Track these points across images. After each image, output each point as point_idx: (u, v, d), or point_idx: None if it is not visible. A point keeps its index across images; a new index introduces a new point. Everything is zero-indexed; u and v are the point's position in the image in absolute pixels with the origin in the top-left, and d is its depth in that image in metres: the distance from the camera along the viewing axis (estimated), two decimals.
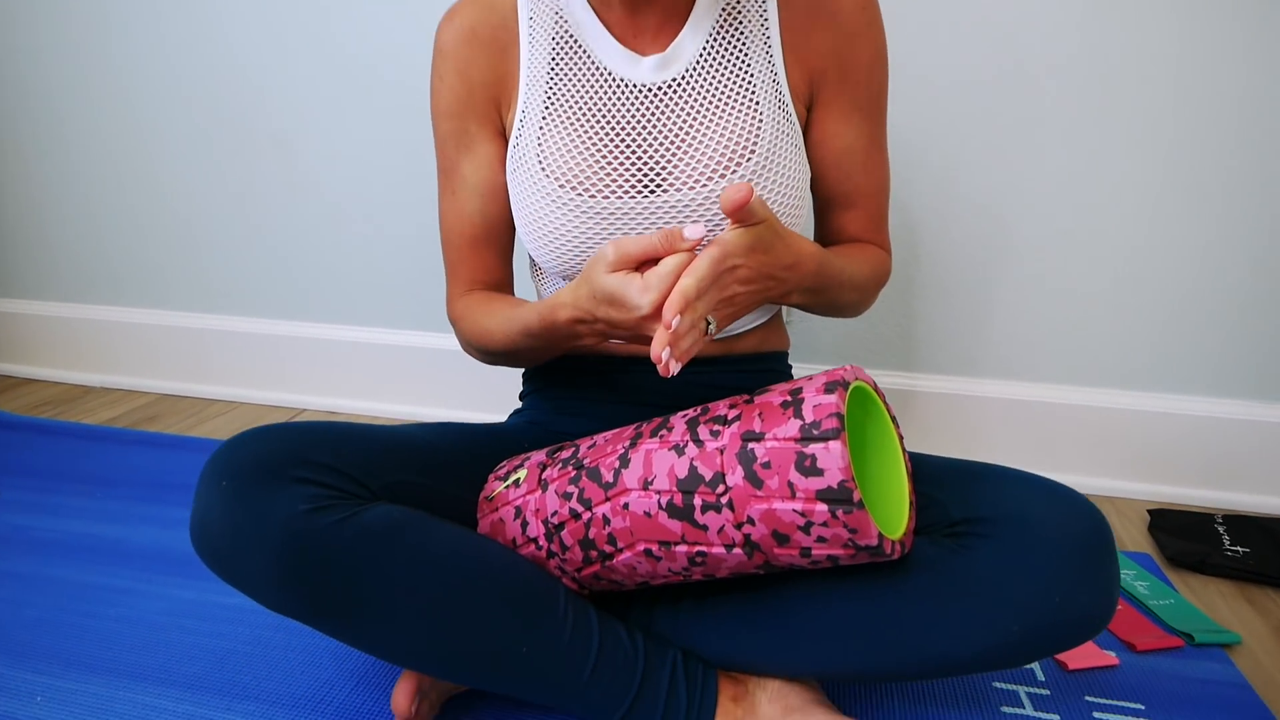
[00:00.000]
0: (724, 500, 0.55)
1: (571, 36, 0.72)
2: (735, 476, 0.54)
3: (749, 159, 0.69)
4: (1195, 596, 0.93)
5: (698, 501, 0.56)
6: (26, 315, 1.56)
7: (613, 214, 0.69)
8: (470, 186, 0.77)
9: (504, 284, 0.82)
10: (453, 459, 0.72)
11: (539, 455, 0.68)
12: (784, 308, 0.89)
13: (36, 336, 1.57)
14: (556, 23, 0.73)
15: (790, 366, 0.89)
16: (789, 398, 0.55)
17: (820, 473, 0.51)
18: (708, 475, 0.56)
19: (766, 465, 0.53)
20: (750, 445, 0.54)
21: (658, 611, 0.69)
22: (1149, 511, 1.10)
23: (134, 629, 0.81)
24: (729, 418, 0.57)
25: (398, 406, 1.41)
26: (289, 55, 1.29)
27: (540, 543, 0.64)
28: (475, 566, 0.61)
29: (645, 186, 0.69)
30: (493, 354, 0.75)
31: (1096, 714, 0.72)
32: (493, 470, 0.72)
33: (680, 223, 0.70)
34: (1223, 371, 1.12)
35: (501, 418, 1.33)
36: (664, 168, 0.69)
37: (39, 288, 1.56)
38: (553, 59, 0.72)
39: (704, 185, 0.69)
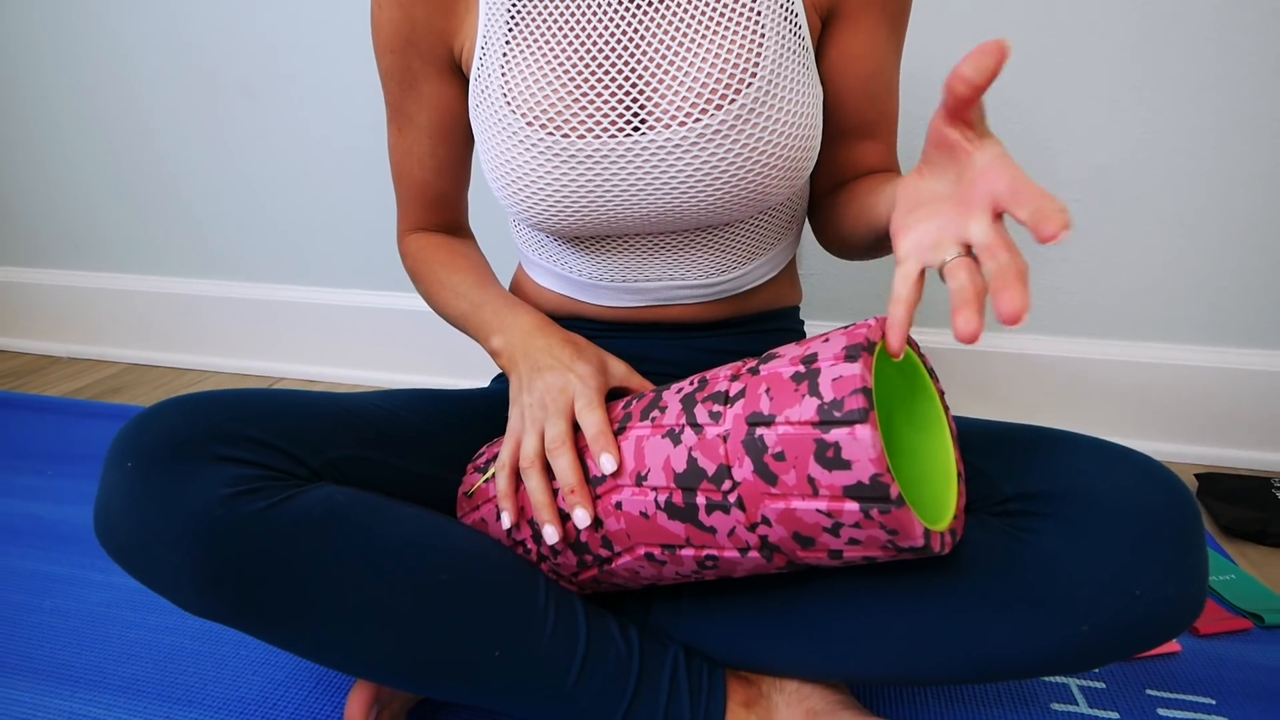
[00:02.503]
0: (732, 499, 0.45)
1: None
2: (743, 470, 0.44)
3: (748, 86, 0.57)
4: (1257, 570, 0.83)
5: (701, 500, 0.46)
6: None
7: (589, 156, 0.58)
8: (418, 126, 0.68)
9: (458, 223, 0.77)
10: (417, 430, 0.62)
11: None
12: (798, 254, 0.78)
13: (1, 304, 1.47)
14: None
15: (803, 323, 0.79)
16: (801, 367, 0.44)
17: (847, 465, 0.41)
18: (710, 469, 0.46)
19: (780, 456, 0.43)
20: (758, 431, 0.44)
21: (656, 604, 0.60)
22: (1196, 476, 1.00)
23: (69, 623, 0.73)
24: (730, 394, 0.47)
25: (381, 374, 1.31)
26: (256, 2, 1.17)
27: (528, 545, 0.54)
28: (437, 556, 0.51)
29: (626, 122, 0.58)
30: (430, 303, 0.72)
31: (1161, 710, 0.63)
32: (471, 458, 0.62)
33: (669, 167, 0.58)
34: (1277, 320, 1.02)
35: (488, 384, 1.25)
36: (647, 98, 0.58)
37: (4, 253, 1.45)
38: None
39: (696, 119, 0.57)
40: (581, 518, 0.50)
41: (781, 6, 0.59)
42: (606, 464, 0.49)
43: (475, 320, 0.64)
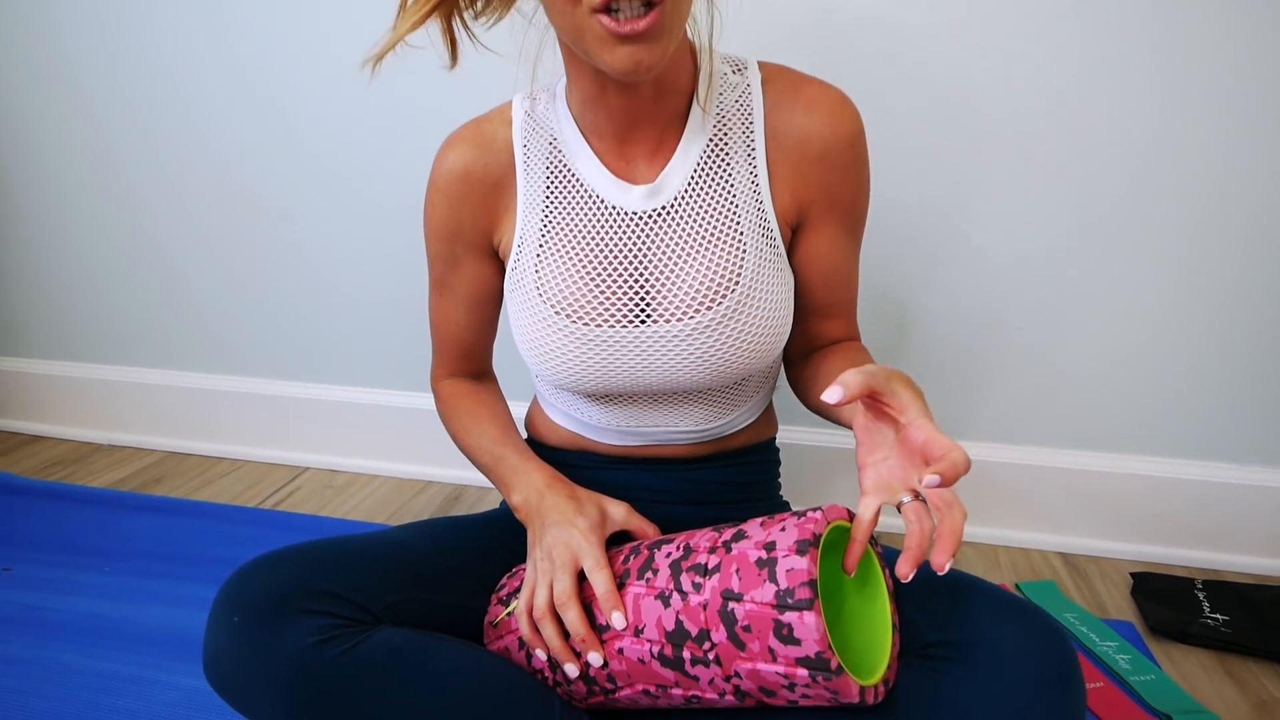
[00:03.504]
0: (710, 656, 0.57)
1: (565, 165, 0.74)
2: (719, 635, 0.57)
3: (733, 291, 0.71)
4: (1176, 668, 0.95)
5: (686, 655, 0.58)
6: (35, 374, 1.59)
7: (604, 340, 0.72)
8: (457, 295, 0.82)
9: (484, 370, 0.90)
10: (449, 565, 0.74)
11: None
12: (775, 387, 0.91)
13: (45, 395, 1.60)
14: (551, 152, 0.75)
15: (778, 450, 0.92)
16: (764, 554, 0.56)
17: (798, 642, 0.53)
18: (693, 631, 0.58)
19: (747, 629, 0.55)
20: (730, 605, 0.56)
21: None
22: (1132, 575, 1.13)
23: None
24: (709, 567, 0.59)
25: (394, 464, 1.44)
26: (296, 137, 1.32)
27: (545, 674, 0.67)
28: (473, 685, 0.63)
29: (636, 317, 0.72)
30: (457, 444, 0.84)
31: None
32: (495, 586, 0.75)
33: (669, 351, 0.72)
34: (1204, 435, 1.15)
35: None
36: (653, 298, 0.72)
37: (47, 347, 1.59)
38: (548, 187, 0.75)
39: (691, 317, 0.71)
40: (595, 659, 0.62)
41: (760, 224, 0.73)
42: (618, 621, 0.61)
43: (496, 473, 0.77)
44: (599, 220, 0.73)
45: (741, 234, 0.72)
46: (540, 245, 0.74)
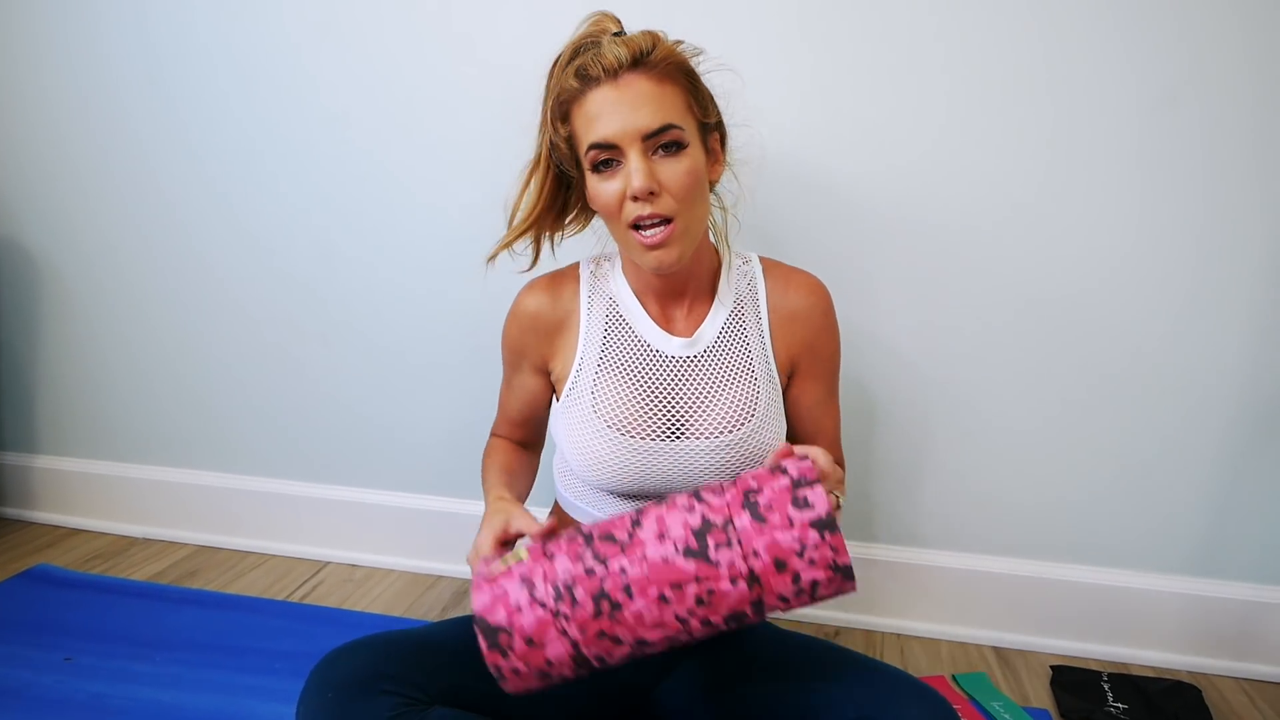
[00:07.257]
0: (734, 538, 0.69)
1: (621, 317, 0.99)
2: (743, 519, 0.70)
3: (748, 422, 0.94)
4: None
5: (711, 541, 0.70)
6: (78, 472, 1.75)
7: (644, 451, 0.93)
8: (515, 391, 1.07)
9: (528, 441, 1.12)
10: (479, 655, 0.91)
11: (534, 546, 0.77)
12: None
13: (85, 491, 1.75)
14: (610, 306, 0.99)
15: None
16: (774, 467, 0.74)
17: (811, 506, 0.69)
18: (719, 521, 0.71)
19: (769, 507, 0.70)
20: (752, 496, 0.71)
21: None
22: (1051, 667, 1.31)
23: None
24: (724, 487, 0.74)
25: (408, 560, 1.60)
26: (337, 272, 1.55)
27: (548, 604, 0.71)
28: None
29: (671, 434, 0.94)
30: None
31: None
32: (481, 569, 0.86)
33: (693, 462, 0.93)
34: (1113, 546, 1.36)
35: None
36: (686, 422, 0.94)
37: (89, 446, 1.75)
38: (605, 331, 0.98)
39: (715, 438, 0.93)
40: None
41: (767, 372, 0.97)
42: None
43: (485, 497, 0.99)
44: (646, 359, 0.96)
45: (755, 379, 0.96)
46: (597, 372, 0.97)
